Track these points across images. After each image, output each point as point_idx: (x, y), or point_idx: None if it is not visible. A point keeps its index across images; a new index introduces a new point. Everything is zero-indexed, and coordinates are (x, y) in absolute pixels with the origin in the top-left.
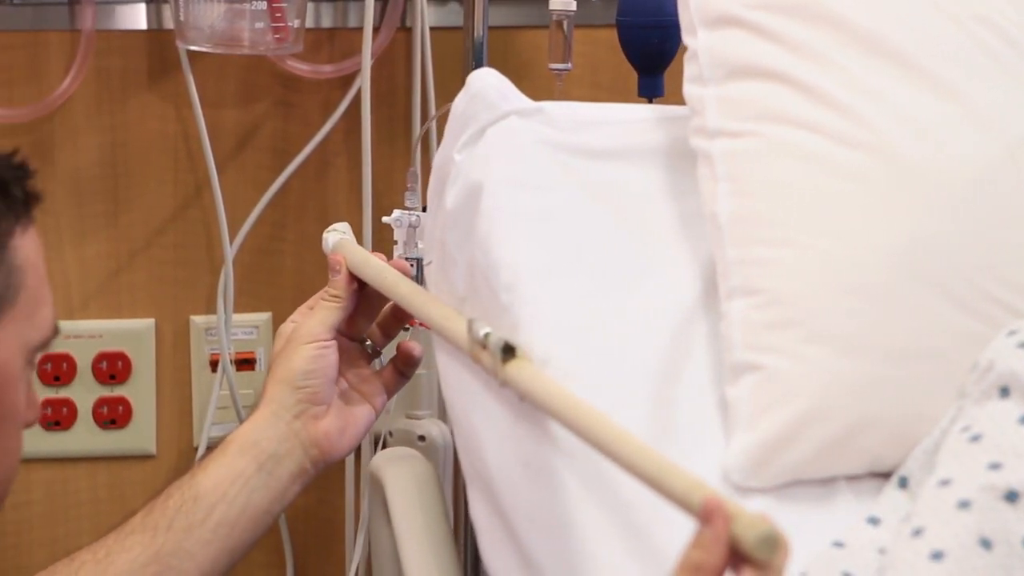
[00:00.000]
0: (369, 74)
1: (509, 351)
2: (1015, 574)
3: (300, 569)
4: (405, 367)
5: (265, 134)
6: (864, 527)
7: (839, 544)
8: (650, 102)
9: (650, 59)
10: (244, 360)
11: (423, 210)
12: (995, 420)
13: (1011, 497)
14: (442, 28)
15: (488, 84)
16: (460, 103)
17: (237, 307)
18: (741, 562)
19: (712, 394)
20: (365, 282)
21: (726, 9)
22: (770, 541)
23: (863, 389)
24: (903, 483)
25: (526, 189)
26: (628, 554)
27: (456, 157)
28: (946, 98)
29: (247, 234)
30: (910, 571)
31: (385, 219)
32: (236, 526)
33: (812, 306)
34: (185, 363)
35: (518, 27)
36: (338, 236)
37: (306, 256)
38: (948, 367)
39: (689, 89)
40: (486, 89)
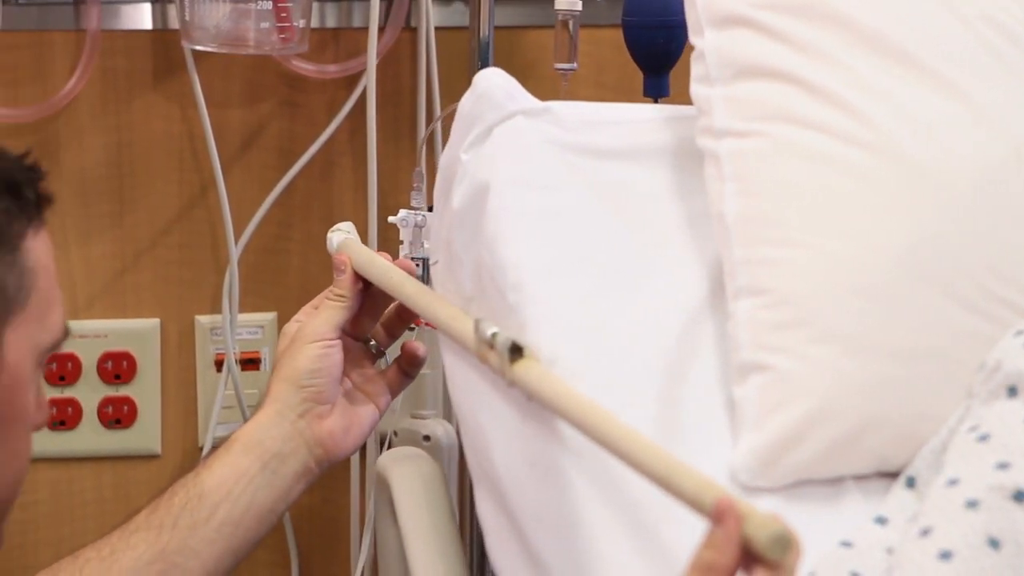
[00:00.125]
0: (375, 74)
1: (517, 351)
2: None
3: (305, 569)
4: (409, 367)
5: (270, 134)
6: (872, 527)
7: (847, 544)
8: (655, 102)
9: (656, 59)
10: (249, 360)
11: (429, 210)
12: (1003, 420)
13: (1019, 497)
14: (447, 28)
15: (495, 84)
16: (466, 103)
17: (242, 307)
18: (753, 562)
19: (719, 394)
20: (370, 282)
21: (733, 9)
22: (782, 541)
23: (870, 389)
24: (911, 483)
25: (533, 189)
26: (636, 553)
27: (463, 157)
28: (953, 98)
29: (252, 234)
30: (918, 571)
31: (391, 219)
32: (240, 525)
33: (819, 306)
34: (190, 363)
35: (523, 27)
36: (342, 236)
37: (311, 256)
38: (955, 367)
39: (696, 89)
40: (492, 89)
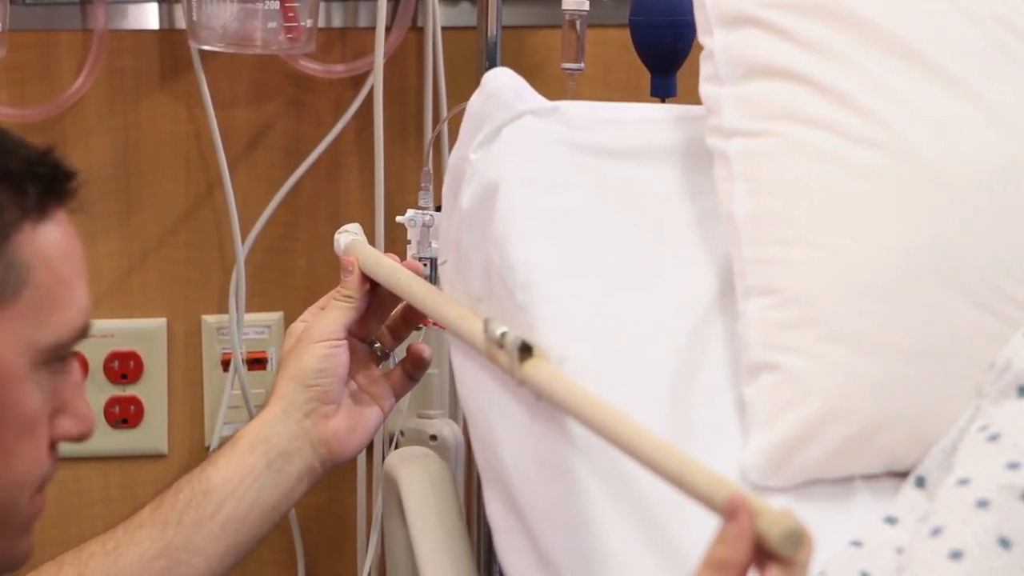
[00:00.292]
0: (382, 74)
1: (526, 350)
2: None
3: (311, 568)
4: (414, 369)
5: (277, 134)
6: (882, 526)
7: (857, 543)
8: (663, 102)
9: (663, 59)
10: (256, 360)
11: (436, 209)
12: (1013, 420)
13: None
14: (453, 28)
15: (503, 84)
16: (475, 102)
17: (249, 307)
18: (766, 558)
19: (729, 394)
20: (377, 283)
21: (742, 8)
22: (795, 537)
23: (880, 388)
24: (920, 482)
25: (542, 188)
26: (646, 551)
27: (472, 156)
28: (963, 97)
29: (259, 234)
30: (928, 570)
31: (399, 219)
32: (245, 522)
33: (829, 305)
34: (197, 363)
35: (530, 27)
36: (350, 237)
37: (318, 256)
38: (965, 366)
39: (705, 89)
40: (501, 89)
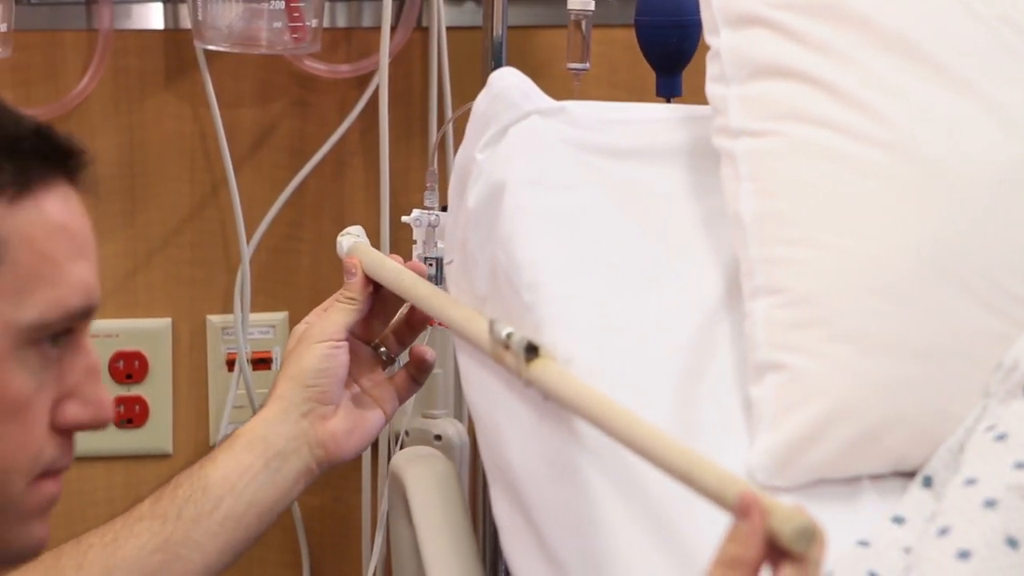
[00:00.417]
0: (387, 73)
1: (533, 350)
2: None
3: (316, 568)
4: (418, 372)
5: (282, 133)
6: (889, 526)
7: (864, 543)
8: (668, 102)
9: (669, 59)
10: (261, 359)
11: (442, 209)
12: (1020, 419)
13: None
14: (458, 28)
15: (510, 83)
16: (482, 102)
17: (254, 306)
18: (779, 556)
19: (736, 393)
20: (380, 285)
21: (749, 8)
22: (808, 533)
23: (887, 388)
24: (928, 482)
25: (549, 188)
26: (655, 551)
27: (478, 156)
28: (969, 97)
29: (264, 234)
30: (936, 570)
31: (404, 218)
32: (242, 521)
33: (836, 305)
34: (202, 362)
35: (536, 27)
36: (352, 240)
37: (323, 256)
38: (972, 366)
39: (712, 88)
40: (508, 88)
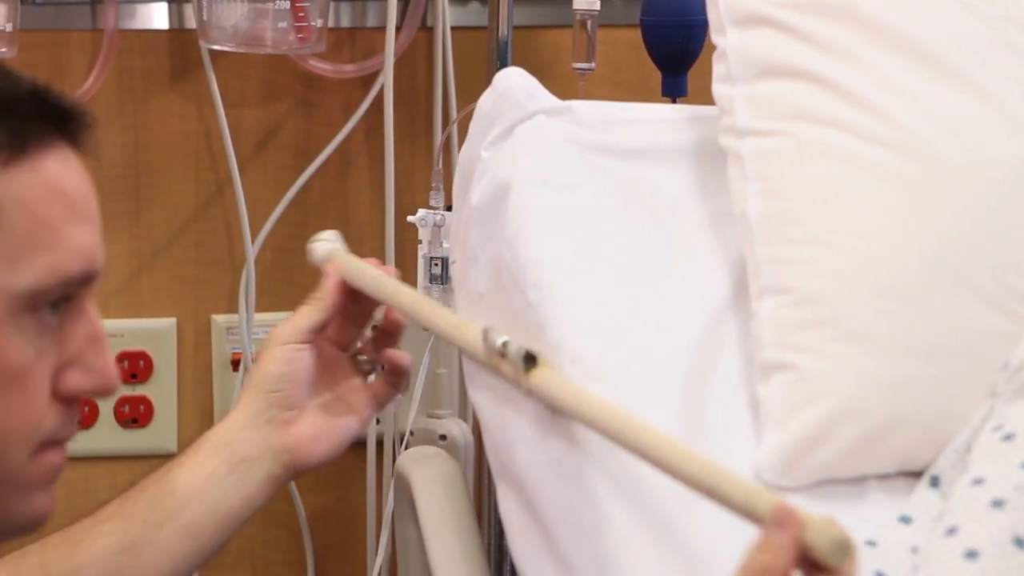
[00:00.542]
0: (392, 73)
1: (531, 360)
2: None
3: (320, 569)
4: (394, 377)
5: (287, 133)
6: (896, 526)
7: (871, 543)
8: (674, 102)
9: (674, 59)
10: None
11: (447, 209)
12: None
13: None
14: (463, 28)
15: (515, 83)
16: (487, 102)
17: (258, 306)
18: (810, 568)
19: (742, 393)
20: (358, 290)
21: (756, 8)
22: (843, 547)
23: (894, 388)
24: (935, 482)
25: (554, 188)
26: (661, 552)
27: (483, 155)
28: (975, 97)
29: (269, 233)
30: (944, 570)
31: (410, 218)
32: (207, 527)
33: (843, 305)
34: (206, 362)
35: (541, 27)
36: (328, 246)
37: None
38: (979, 366)
39: (718, 88)
40: (513, 88)
